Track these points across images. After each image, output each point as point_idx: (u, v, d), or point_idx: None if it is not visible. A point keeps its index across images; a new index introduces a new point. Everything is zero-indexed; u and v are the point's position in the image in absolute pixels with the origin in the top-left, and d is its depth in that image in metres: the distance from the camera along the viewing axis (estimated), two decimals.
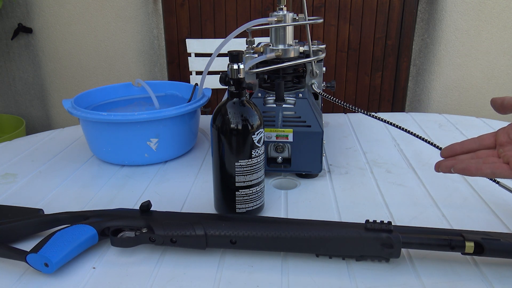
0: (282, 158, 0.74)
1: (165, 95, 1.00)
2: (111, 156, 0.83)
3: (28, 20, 2.27)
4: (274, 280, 0.51)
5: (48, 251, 0.51)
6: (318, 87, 0.80)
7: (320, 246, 0.53)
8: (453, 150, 0.58)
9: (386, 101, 2.37)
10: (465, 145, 0.58)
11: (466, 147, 0.58)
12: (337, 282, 0.50)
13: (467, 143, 0.58)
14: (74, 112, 0.80)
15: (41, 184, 0.76)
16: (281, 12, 0.74)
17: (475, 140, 0.58)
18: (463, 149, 0.58)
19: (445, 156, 0.59)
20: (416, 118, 1.08)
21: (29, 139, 0.98)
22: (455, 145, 0.58)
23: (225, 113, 0.58)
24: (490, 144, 0.57)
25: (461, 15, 2.14)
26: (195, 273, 0.52)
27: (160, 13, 2.24)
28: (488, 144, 0.57)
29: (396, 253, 0.51)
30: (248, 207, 0.61)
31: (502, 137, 0.56)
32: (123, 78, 2.32)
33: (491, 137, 0.57)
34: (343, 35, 2.26)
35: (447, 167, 0.56)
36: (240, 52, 0.58)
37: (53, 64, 2.35)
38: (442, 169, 0.56)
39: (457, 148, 0.58)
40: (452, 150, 0.58)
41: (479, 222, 0.62)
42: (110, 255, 0.56)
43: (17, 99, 2.45)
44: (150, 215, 0.56)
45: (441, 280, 0.50)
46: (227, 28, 2.27)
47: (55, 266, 0.51)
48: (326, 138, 0.94)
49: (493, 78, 2.21)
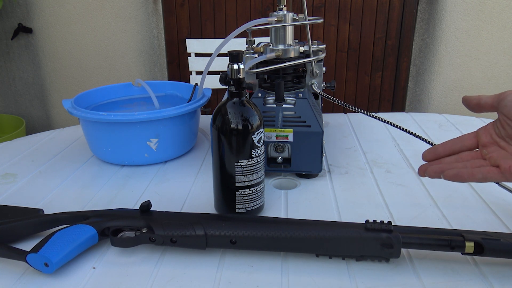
0: (282, 158, 0.74)
1: (165, 95, 1.00)
2: (111, 156, 0.83)
3: (28, 20, 2.27)
4: (274, 280, 0.51)
5: (48, 251, 0.51)
6: (318, 87, 0.80)
7: (320, 246, 0.53)
8: (437, 153, 0.57)
9: (386, 101, 2.37)
10: (447, 147, 0.56)
11: (449, 149, 0.56)
12: (337, 282, 0.50)
13: (449, 144, 0.57)
14: (74, 112, 0.80)
15: (41, 184, 0.76)
16: (281, 12, 0.74)
17: (457, 141, 0.57)
18: (446, 151, 0.56)
19: (429, 159, 0.57)
20: (416, 118, 1.08)
21: (29, 139, 0.98)
22: (438, 147, 0.57)
23: (225, 113, 0.58)
24: (472, 144, 0.56)
25: (461, 15, 2.14)
26: (195, 273, 0.52)
27: (160, 13, 2.24)
28: (470, 144, 0.56)
29: (396, 253, 0.51)
30: (248, 207, 0.61)
31: (484, 137, 0.55)
32: (123, 78, 2.32)
33: (472, 138, 0.56)
34: (343, 35, 2.26)
35: (435, 172, 0.54)
36: (240, 52, 0.58)
37: (53, 64, 2.35)
38: (430, 174, 0.55)
39: (440, 151, 0.57)
40: (436, 153, 0.57)
41: (479, 222, 0.62)
42: (110, 255, 0.56)
43: (17, 99, 2.45)
44: (150, 215, 0.56)
45: (441, 280, 0.50)
46: (227, 28, 2.27)
47: (55, 266, 0.51)
48: (326, 138, 0.94)
49: (493, 78, 2.21)
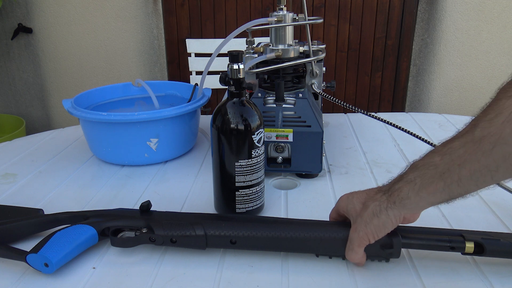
0: (282, 158, 0.74)
1: (165, 95, 1.00)
2: (111, 156, 0.83)
3: (28, 20, 2.27)
4: (274, 280, 0.51)
5: (48, 251, 0.51)
6: (318, 87, 0.80)
7: (320, 246, 0.53)
8: None
9: (386, 101, 2.37)
10: None
11: None
12: (337, 282, 0.50)
13: None
14: (74, 112, 0.80)
15: (41, 184, 0.76)
16: (281, 12, 0.74)
17: None
18: None
19: None
20: (416, 118, 1.08)
21: (29, 139, 0.98)
22: None
23: (225, 113, 0.58)
24: None
25: (461, 15, 2.14)
26: (195, 273, 0.52)
27: (160, 13, 2.24)
28: None
29: (396, 254, 0.51)
30: (248, 207, 0.61)
31: None
32: (123, 78, 2.32)
33: None
34: (343, 35, 2.26)
35: None
36: (240, 52, 0.58)
37: (53, 64, 2.34)
38: None
39: None
40: None
41: (479, 222, 0.62)
42: (110, 255, 0.56)
43: (17, 99, 2.45)
44: (150, 215, 0.56)
45: (441, 280, 0.50)
46: (227, 28, 2.26)
47: (55, 266, 0.51)
48: (326, 138, 0.94)
49: (493, 78, 2.21)
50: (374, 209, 0.49)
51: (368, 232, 0.49)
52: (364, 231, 0.49)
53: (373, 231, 0.49)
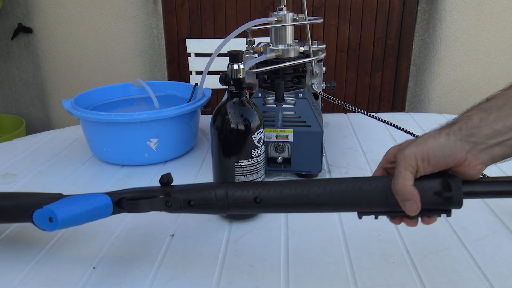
0: (282, 158, 0.74)
1: (165, 95, 1.00)
2: (111, 156, 0.83)
3: (28, 20, 2.27)
4: (274, 280, 0.51)
5: (55, 207, 0.47)
6: (318, 87, 0.80)
7: (361, 201, 0.44)
8: None
9: (386, 101, 2.37)
10: None
11: None
12: (337, 282, 0.50)
13: None
14: (74, 112, 0.80)
15: (41, 184, 0.76)
16: (281, 12, 0.74)
17: None
18: None
19: None
20: (416, 118, 1.08)
21: (29, 139, 0.98)
22: None
23: (225, 113, 0.58)
24: None
25: (461, 15, 2.14)
26: (195, 273, 0.52)
27: (160, 13, 2.24)
28: None
29: (456, 197, 0.41)
30: None
31: None
32: (123, 78, 2.32)
33: None
34: (343, 35, 2.26)
35: None
36: (240, 52, 0.58)
37: (53, 64, 2.34)
38: None
39: None
40: None
41: (479, 222, 0.62)
42: (110, 255, 0.56)
43: (17, 99, 2.45)
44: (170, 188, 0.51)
45: (441, 280, 0.50)
46: (227, 28, 2.26)
47: (59, 224, 0.46)
48: (326, 138, 0.94)
49: (493, 78, 2.21)
50: (431, 133, 0.40)
51: (416, 152, 0.39)
52: (411, 151, 0.39)
53: (424, 151, 0.39)
